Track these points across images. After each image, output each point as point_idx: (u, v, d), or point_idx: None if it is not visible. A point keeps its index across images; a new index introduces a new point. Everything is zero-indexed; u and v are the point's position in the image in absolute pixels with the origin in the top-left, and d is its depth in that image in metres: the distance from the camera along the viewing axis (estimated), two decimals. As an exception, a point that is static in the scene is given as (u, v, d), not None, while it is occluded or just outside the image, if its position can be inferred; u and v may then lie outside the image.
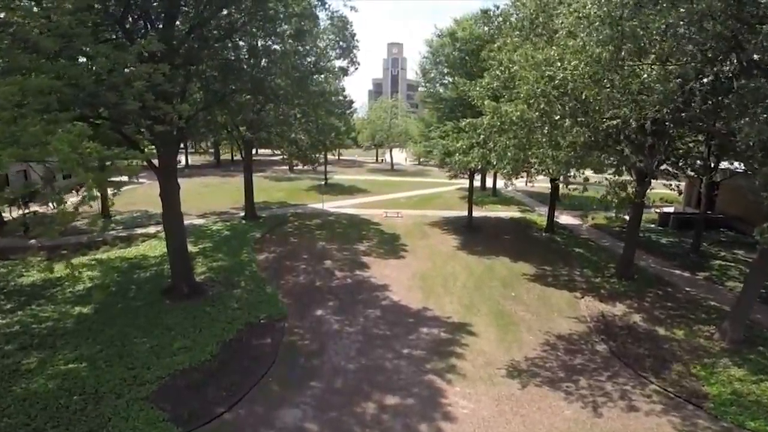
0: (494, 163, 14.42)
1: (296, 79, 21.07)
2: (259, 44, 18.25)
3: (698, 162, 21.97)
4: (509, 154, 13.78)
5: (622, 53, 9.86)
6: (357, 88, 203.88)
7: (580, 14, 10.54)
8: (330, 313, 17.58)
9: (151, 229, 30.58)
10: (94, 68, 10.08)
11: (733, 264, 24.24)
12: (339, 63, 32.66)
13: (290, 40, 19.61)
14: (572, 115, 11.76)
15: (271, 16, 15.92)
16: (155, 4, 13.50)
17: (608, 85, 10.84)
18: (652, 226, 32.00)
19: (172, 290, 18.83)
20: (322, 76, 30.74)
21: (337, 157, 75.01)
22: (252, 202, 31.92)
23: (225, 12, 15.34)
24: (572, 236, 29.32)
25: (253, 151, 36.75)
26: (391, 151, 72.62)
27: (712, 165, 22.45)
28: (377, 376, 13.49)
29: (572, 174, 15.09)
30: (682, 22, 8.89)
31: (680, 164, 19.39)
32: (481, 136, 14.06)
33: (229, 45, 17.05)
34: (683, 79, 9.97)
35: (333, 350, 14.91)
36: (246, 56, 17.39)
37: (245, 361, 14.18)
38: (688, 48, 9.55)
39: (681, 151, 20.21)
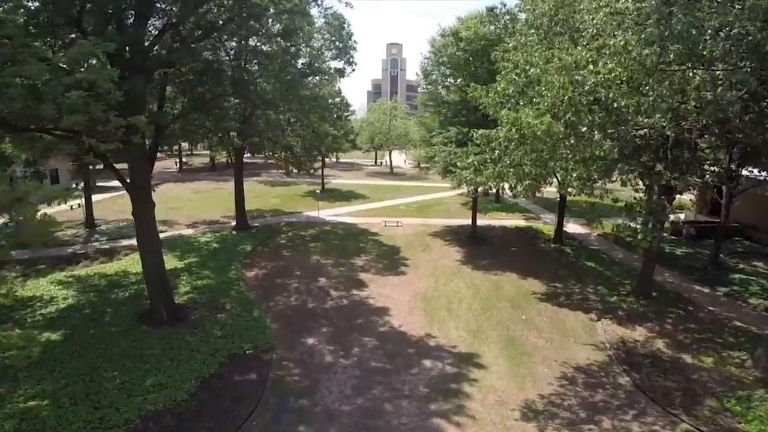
0: (512, 183, 12.74)
1: (286, 83, 19.43)
2: (244, 44, 16.60)
3: (719, 170, 20.48)
4: (529, 171, 12.18)
5: (671, 55, 8.31)
6: (356, 89, 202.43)
7: (612, 9, 9.01)
8: (323, 342, 15.98)
9: (136, 241, 28.98)
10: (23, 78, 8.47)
11: (753, 278, 22.75)
12: (335, 64, 31.06)
13: (278, 39, 17.96)
14: (601, 126, 10.22)
15: (256, 13, 14.31)
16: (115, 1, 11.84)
17: (650, 93, 9.28)
18: (665, 235, 30.40)
19: (150, 315, 17.21)
20: (317, 78, 29.08)
21: (335, 160, 73.40)
22: (243, 211, 30.33)
23: (204, 9, 13.74)
24: (582, 247, 27.76)
25: (249, 154, 35.02)
26: (390, 154, 71.03)
27: (734, 173, 21.01)
28: (376, 420, 11.94)
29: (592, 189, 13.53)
30: (740, 21, 7.37)
31: (706, 175, 17.85)
32: (496, 151, 12.38)
33: (209, 46, 15.41)
34: (740, 85, 8.43)
35: (326, 388, 13.32)
36: (229, 57, 15.73)
37: (226, 402, 12.61)
38: (742, 50, 8.02)
39: (708, 161, 18.70)
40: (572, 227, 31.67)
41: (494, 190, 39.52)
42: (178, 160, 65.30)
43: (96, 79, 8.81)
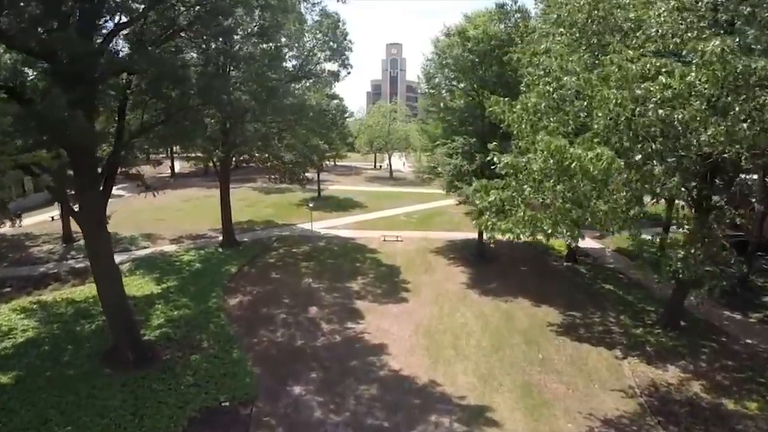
0: (548, 231, 10.43)
1: (266, 90, 17.32)
2: (215, 46, 14.46)
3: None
4: (570, 213, 9.94)
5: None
6: (355, 89, 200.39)
7: (678, 4, 7.00)
8: (312, 391, 13.96)
9: (116, 258, 26.88)
10: None
11: (787, 300, 20.87)
12: (330, 66, 28.86)
13: (256, 40, 15.83)
14: (661, 155, 8.17)
15: (223, 9, 12.21)
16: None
17: (741, 114, 7.23)
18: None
19: (115, 354, 15.17)
20: (309, 81, 26.90)
21: (333, 164, 71.26)
22: (230, 226, 28.26)
23: (165, 4, 11.69)
24: (597, 266, 25.75)
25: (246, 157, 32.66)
26: (390, 158, 68.97)
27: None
28: (370, 502, 9.88)
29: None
30: None
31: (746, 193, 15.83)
32: (526, 189, 9.96)
33: (173, 48, 13.33)
34: None
35: (312, 456, 11.28)
36: (198, 61, 13.60)
37: (192, 476, 10.56)
38: None
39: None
40: (584, 241, 29.56)
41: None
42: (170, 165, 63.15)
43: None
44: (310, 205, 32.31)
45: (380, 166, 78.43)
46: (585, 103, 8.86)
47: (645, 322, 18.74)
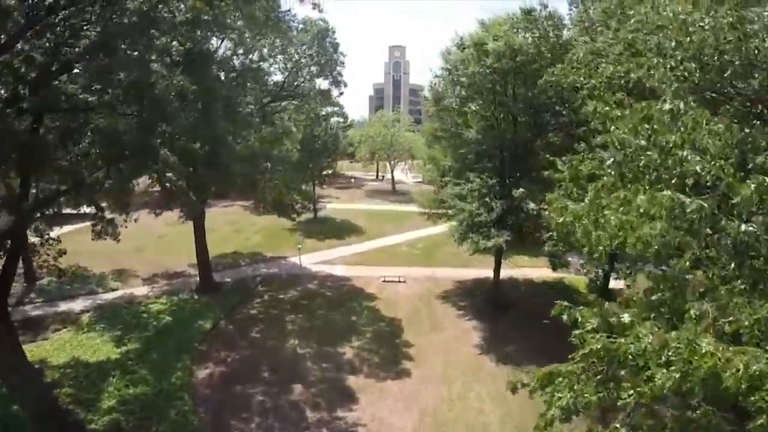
0: None
1: (212, 140, 14.28)
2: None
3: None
4: None
5: None
6: (356, 91, 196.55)
7: None
8: None
9: (78, 304, 24.15)
10: None
11: None
12: (321, 82, 25.53)
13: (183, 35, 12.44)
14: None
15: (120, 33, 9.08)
16: None
17: None
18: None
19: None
20: (292, 103, 23.62)
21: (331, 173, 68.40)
22: (207, 266, 25.19)
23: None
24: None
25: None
26: (392, 170, 66.04)
27: None
28: None
29: None
30: None
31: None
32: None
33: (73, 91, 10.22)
34: None
35: None
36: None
37: None
38: None
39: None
40: (615, 282, 26.33)
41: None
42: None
43: None
44: (299, 246, 28.87)
45: (382, 177, 75.51)
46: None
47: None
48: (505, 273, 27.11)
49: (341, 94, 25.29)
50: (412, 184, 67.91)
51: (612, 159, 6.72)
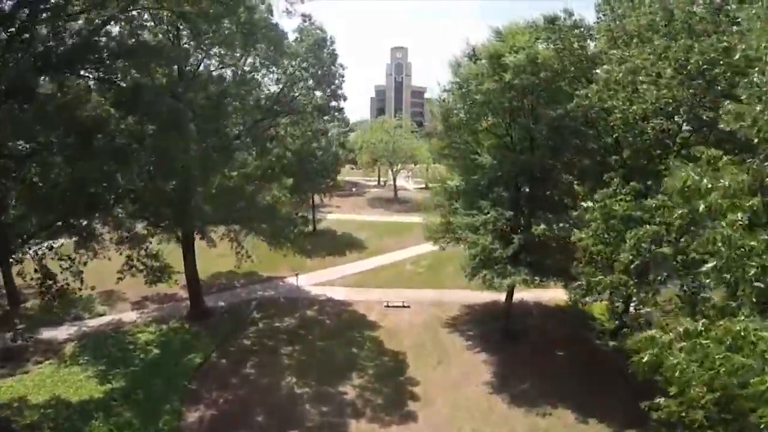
0: None
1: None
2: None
3: None
4: None
5: None
6: (357, 94, 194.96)
7: None
8: None
9: (62, 331, 23.00)
10: None
11: None
12: (319, 94, 24.17)
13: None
14: None
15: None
16: None
17: None
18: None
19: None
20: (285, 118, 22.28)
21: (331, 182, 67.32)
22: (197, 290, 24.06)
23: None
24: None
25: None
26: (395, 178, 64.96)
27: None
28: None
29: None
30: None
31: None
32: None
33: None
34: None
35: None
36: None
37: None
38: None
39: None
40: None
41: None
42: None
43: None
44: (297, 273, 27.55)
45: (384, 183, 74.42)
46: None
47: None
48: (515, 295, 25.90)
49: (341, 109, 24.01)
50: (414, 191, 66.81)
51: (713, 265, 5.43)
